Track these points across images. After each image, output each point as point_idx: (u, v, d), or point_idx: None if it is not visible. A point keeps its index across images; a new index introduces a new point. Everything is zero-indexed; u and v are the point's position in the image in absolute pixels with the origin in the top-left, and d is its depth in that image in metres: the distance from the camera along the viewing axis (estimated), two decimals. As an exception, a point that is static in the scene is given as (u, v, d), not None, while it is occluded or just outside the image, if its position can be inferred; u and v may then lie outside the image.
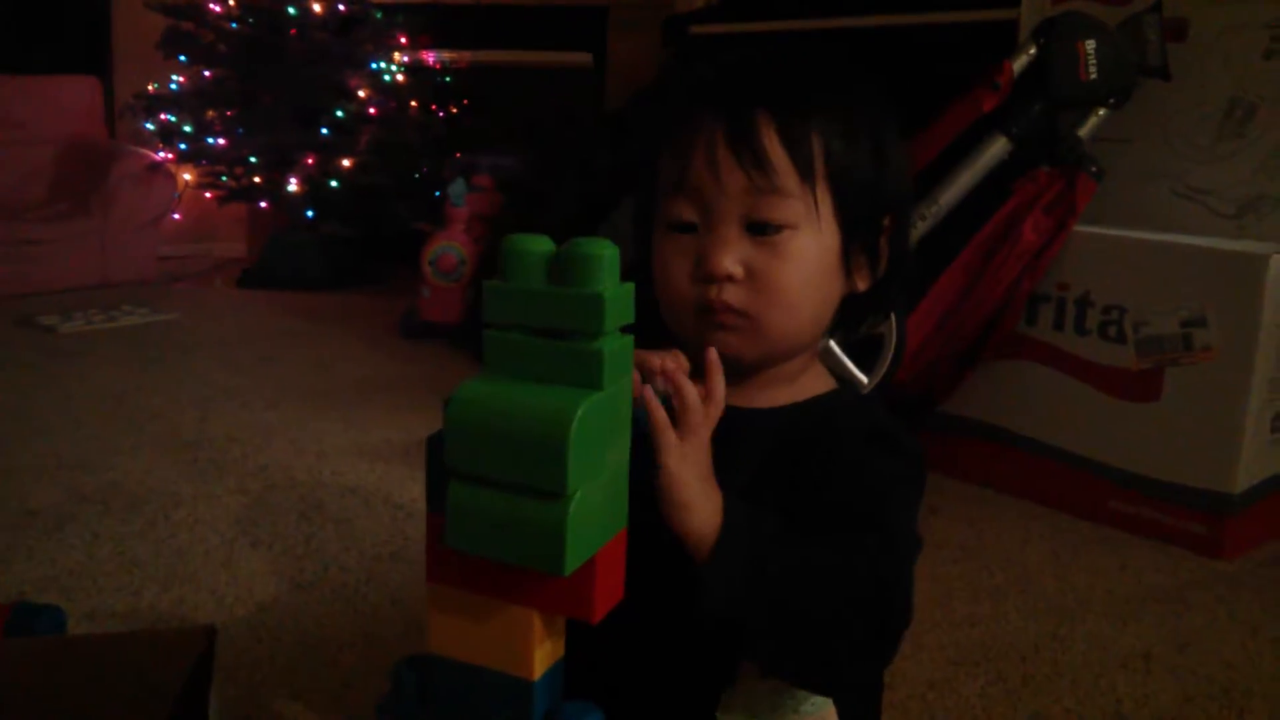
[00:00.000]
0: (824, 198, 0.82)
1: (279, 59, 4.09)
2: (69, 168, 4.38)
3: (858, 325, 0.94)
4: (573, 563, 0.64)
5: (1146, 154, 2.21)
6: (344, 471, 2.14)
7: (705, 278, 0.83)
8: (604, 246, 0.66)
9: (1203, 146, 2.17)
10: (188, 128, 4.23)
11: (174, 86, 4.28)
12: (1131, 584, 1.79)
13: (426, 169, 4.30)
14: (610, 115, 3.27)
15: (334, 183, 4.15)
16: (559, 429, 0.61)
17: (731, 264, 0.82)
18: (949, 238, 2.06)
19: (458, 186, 3.36)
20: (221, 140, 4.20)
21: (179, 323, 3.53)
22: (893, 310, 0.99)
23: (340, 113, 4.15)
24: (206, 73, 4.25)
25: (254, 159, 4.18)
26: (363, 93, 4.20)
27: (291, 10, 4.09)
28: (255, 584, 1.65)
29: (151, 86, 4.31)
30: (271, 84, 4.13)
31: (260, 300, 4.00)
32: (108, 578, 1.65)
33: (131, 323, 3.47)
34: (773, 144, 0.81)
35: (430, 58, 4.52)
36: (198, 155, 4.28)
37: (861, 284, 0.88)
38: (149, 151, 4.30)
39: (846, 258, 0.85)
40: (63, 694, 1.01)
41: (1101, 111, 2.09)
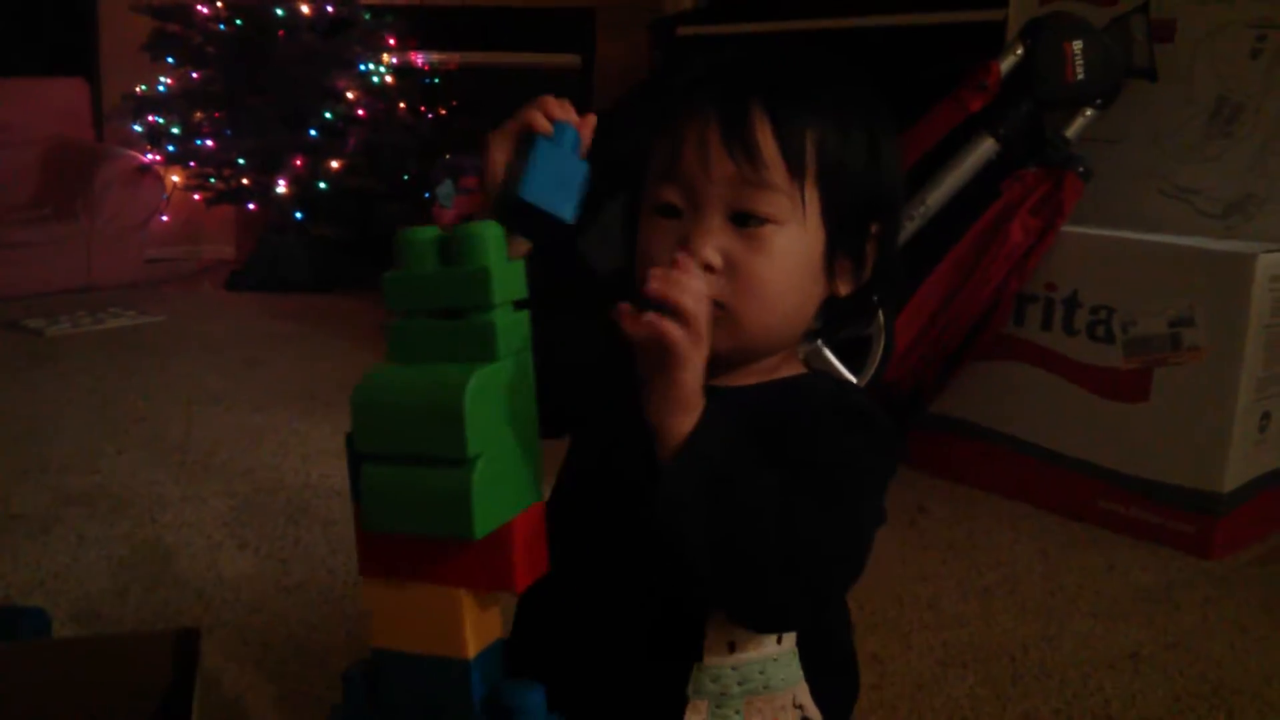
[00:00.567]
0: (812, 196, 0.82)
1: (267, 61, 4.08)
2: (56, 170, 4.37)
3: (837, 330, 0.94)
4: (482, 525, 0.66)
5: (1134, 154, 2.21)
6: (331, 474, 2.13)
7: (670, 261, 0.80)
8: (489, 227, 0.70)
9: (1190, 146, 2.18)
10: (175, 129, 4.22)
11: (161, 88, 4.26)
12: (1120, 584, 1.79)
13: (415, 171, 4.29)
14: (598, 116, 3.26)
15: (322, 184, 4.14)
16: (453, 396, 0.65)
17: (712, 253, 0.81)
18: (937, 238, 2.06)
19: (446, 188, 3.35)
20: (209, 142, 4.18)
21: (166, 325, 3.51)
22: (876, 315, 0.98)
23: (328, 114, 4.14)
24: (194, 74, 4.24)
25: (242, 161, 4.17)
26: (351, 94, 4.19)
27: (279, 12, 4.08)
28: (242, 586, 1.64)
29: (139, 88, 4.29)
30: (259, 86, 4.12)
31: (248, 302, 3.99)
32: (93, 580, 1.64)
33: (119, 325, 3.45)
34: (765, 137, 0.81)
35: (419, 59, 4.51)
36: (185, 157, 4.26)
37: (844, 288, 0.87)
38: (136, 153, 4.29)
39: (830, 260, 0.85)
40: (46, 697, 1.01)
41: (1089, 112, 2.09)
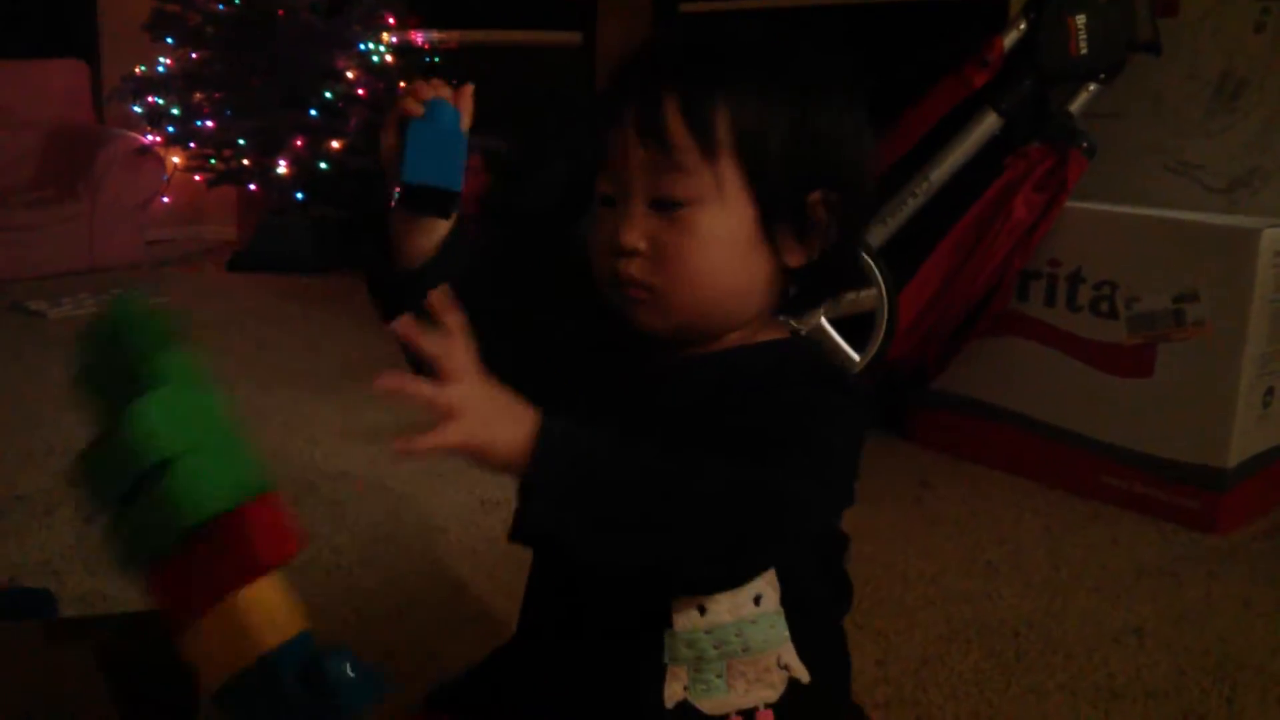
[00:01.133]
0: (731, 174, 0.82)
1: (267, 40, 4.06)
2: (56, 152, 4.36)
3: (816, 297, 0.93)
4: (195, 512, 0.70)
5: (1138, 129, 2.21)
6: (336, 454, 2.13)
7: (614, 251, 0.84)
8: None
9: (1194, 121, 2.17)
10: (175, 110, 4.20)
11: (161, 69, 4.25)
12: (1124, 559, 1.79)
13: (416, 151, 4.27)
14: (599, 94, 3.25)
15: (323, 165, 4.13)
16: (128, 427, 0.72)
17: (635, 239, 0.83)
18: (940, 215, 2.06)
19: (447, 167, 3.34)
20: (209, 123, 4.17)
21: (168, 307, 3.51)
22: (848, 283, 0.98)
23: (329, 94, 4.12)
24: (194, 55, 4.22)
25: (242, 141, 4.15)
26: (351, 74, 4.18)
27: (278, -9, 4.06)
28: (247, 566, 1.64)
29: (139, 69, 4.28)
30: (259, 66, 4.10)
31: (250, 283, 3.99)
32: (99, 562, 1.64)
33: (121, 307, 3.45)
34: (675, 121, 0.81)
35: (419, 38, 4.48)
36: (186, 138, 4.25)
37: (793, 260, 0.86)
38: (137, 135, 4.27)
39: (770, 233, 0.84)
40: (55, 676, 1.01)
41: (1092, 87, 2.08)
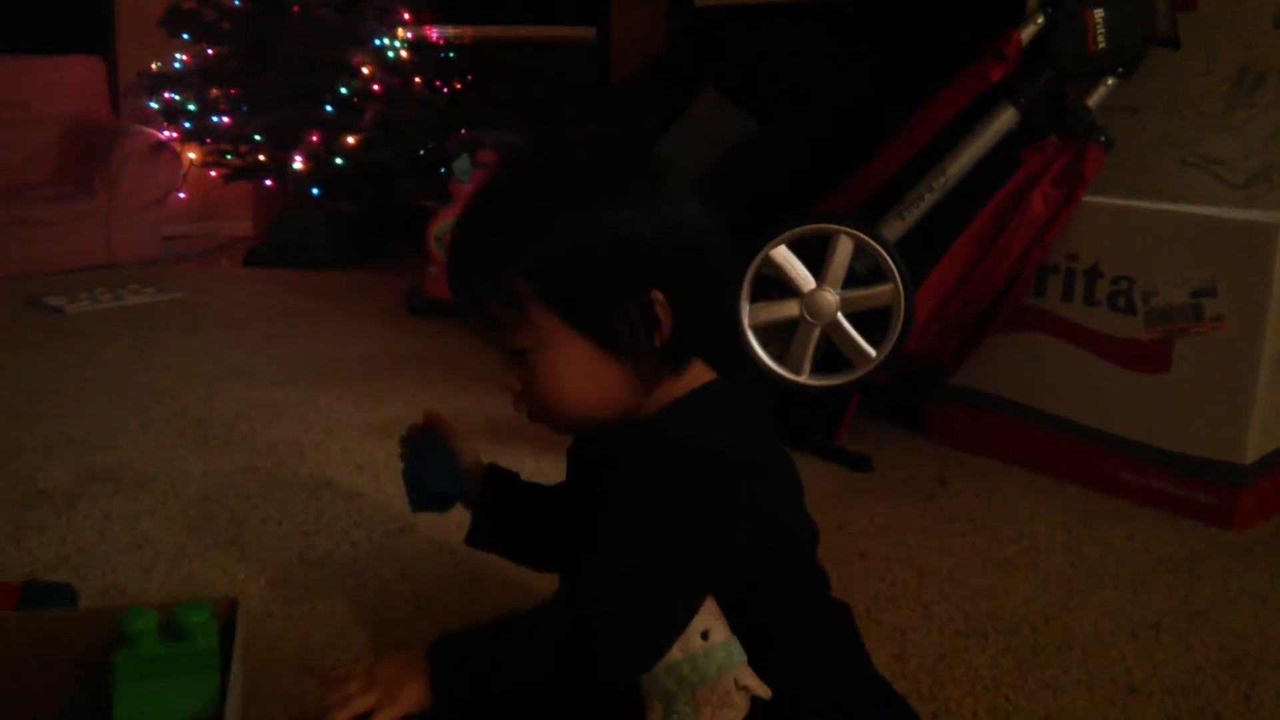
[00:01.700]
0: (546, 319, 0.93)
1: (282, 36, 4.07)
2: (73, 148, 4.37)
3: (693, 353, 1.01)
4: None
5: (1155, 123, 2.20)
6: (353, 448, 2.14)
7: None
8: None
9: (1212, 115, 2.16)
10: (192, 106, 4.22)
11: (177, 65, 4.27)
12: (1141, 555, 1.79)
13: (431, 146, 4.29)
14: (614, 89, 3.25)
15: (339, 160, 4.14)
16: None
17: (512, 382, 0.99)
18: (957, 210, 2.05)
19: (462, 163, 3.35)
20: (226, 118, 4.19)
21: (186, 302, 3.53)
22: (727, 347, 1.10)
23: (344, 90, 4.13)
24: (210, 50, 4.24)
25: (258, 137, 4.17)
26: (366, 69, 4.19)
27: (294, -14, 4.07)
28: (266, 560, 1.65)
29: (155, 65, 4.30)
30: (275, 61, 4.12)
31: (267, 279, 4.00)
32: (119, 555, 1.65)
33: (138, 302, 3.47)
34: (486, 294, 0.95)
35: (433, 33, 4.49)
36: (202, 134, 4.27)
37: (655, 342, 0.96)
38: (153, 130, 4.29)
39: (612, 341, 0.94)
40: (82, 665, 1.02)
41: (1110, 81, 2.07)
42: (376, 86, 4.21)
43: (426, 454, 1.19)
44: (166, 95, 4.24)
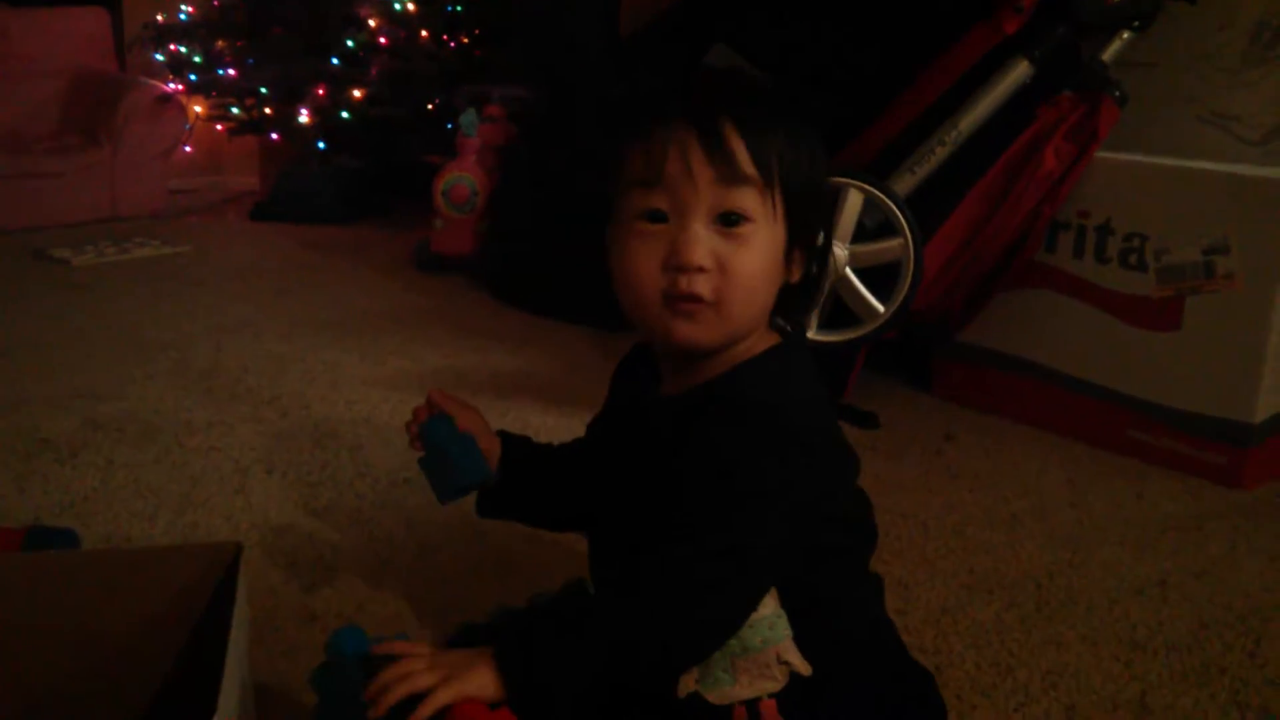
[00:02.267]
0: (778, 199, 0.94)
1: (288, -13, 4.04)
2: (78, 100, 4.35)
3: (792, 314, 1.05)
4: None
5: (1171, 79, 2.17)
6: (358, 400, 2.13)
7: (678, 267, 0.93)
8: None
9: (1229, 71, 2.13)
10: (197, 58, 4.19)
11: (183, 17, 4.24)
12: (1148, 513, 1.78)
13: (438, 100, 4.25)
14: (624, 42, 3.21)
15: (345, 114, 4.11)
16: None
17: (703, 256, 0.92)
18: (969, 164, 2.03)
19: (469, 116, 3.32)
20: (231, 71, 4.15)
21: (191, 255, 3.52)
22: (813, 306, 1.10)
23: (350, 42, 4.10)
24: (215, 2, 4.20)
25: (264, 90, 4.14)
26: (373, 22, 4.14)
27: (300, -63, 4.03)
28: (270, 509, 1.65)
29: (160, 17, 4.26)
30: (281, 13, 4.08)
31: (273, 233, 3.98)
32: (122, 504, 1.65)
33: (144, 255, 3.46)
34: (739, 147, 0.92)
35: (441, -14, 4.45)
36: (208, 87, 4.24)
37: (796, 276, 1.01)
38: (159, 83, 4.26)
39: (789, 254, 0.98)
40: (85, 607, 1.01)
41: (1126, 34, 2.04)
42: (383, 39, 4.16)
43: (446, 446, 1.15)
44: (172, 47, 4.21)
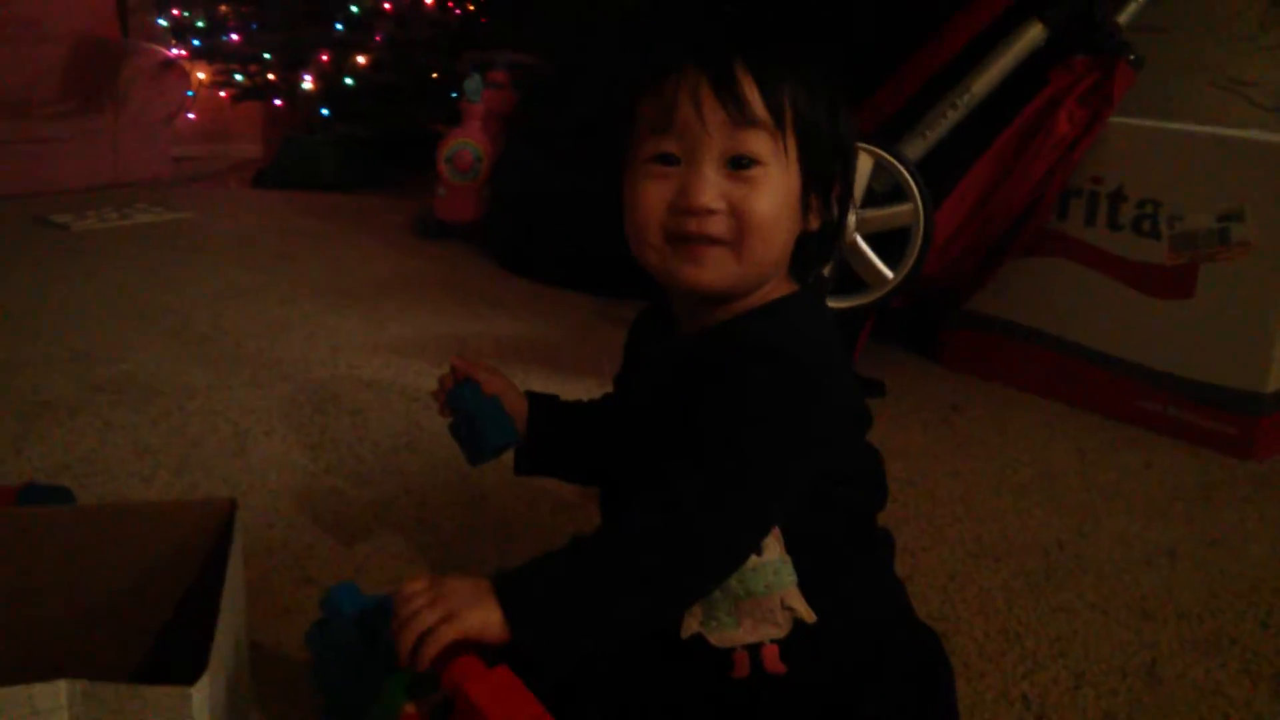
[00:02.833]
0: (790, 143, 0.93)
1: (292, -50, 3.99)
2: (81, 65, 4.30)
3: (812, 264, 1.04)
4: None
5: (1186, 44, 2.14)
6: (360, 365, 2.11)
7: (686, 210, 0.92)
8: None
9: (1245, 37, 2.10)
10: (200, 23, 4.15)
11: (186, -20, 4.19)
12: (1158, 483, 1.76)
13: (442, 68, 4.21)
14: (627, 10, 3.17)
15: (349, 81, 4.07)
16: None
17: (713, 198, 0.92)
18: (980, 128, 1.99)
19: (473, 82, 3.29)
20: (235, 36, 4.11)
21: (193, 221, 3.49)
22: (831, 255, 1.08)
23: (355, 8, 4.05)
24: (218, -34, 4.16)
25: (268, 56, 4.10)
26: (377, -14, 4.10)
27: (304, -99, 3.97)
28: (269, 472, 1.63)
29: (163, -20, 4.22)
30: (285, -24, 4.04)
31: (275, 200, 3.95)
32: (120, 465, 1.63)
33: (145, 221, 3.43)
34: (751, 90, 0.91)
35: (446, -49, 4.40)
36: (211, 52, 4.20)
37: (814, 223, 0.99)
38: (161, 48, 4.22)
39: (805, 199, 0.96)
40: (80, 562, 1.00)
41: (1141, -2, 2.00)
42: (388, 6, 4.12)
43: (473, 411, 1.14)
44: (175, 12, 4.17)
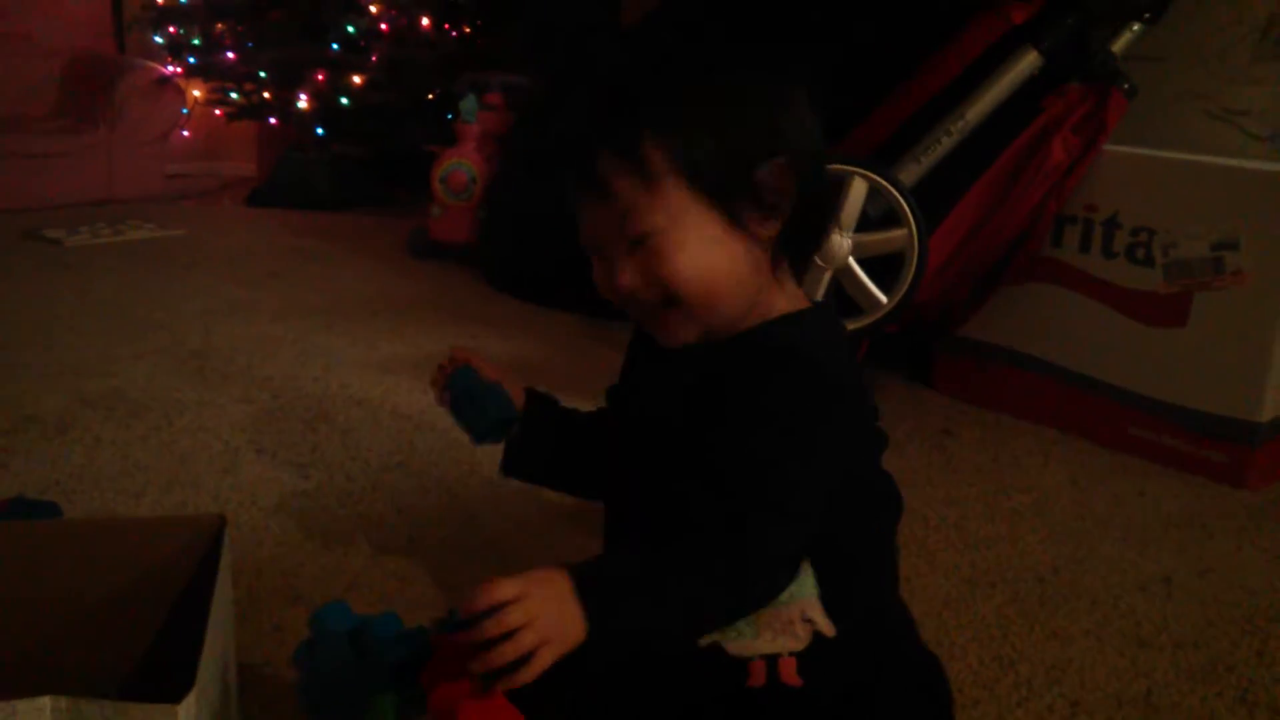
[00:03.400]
0: (678, 192, 0.88)
1: (288, -29, 4.00)
2: (76, 81, 4.30)
3: (804, 257, 1.00)
4: None
5: (1180, 74, 2.15)
6: (351, 384, 2.10)
7: (616, 296, 0.94)
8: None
9: (1238, 67, 2.11)
10: (196, 41, 4.15)
11: (183, -1, 4.20)
12: (1152, 511, 1.75)
13: (438, 90, 4.22)
14: (626, 30, 3.18)
15: (344, 100, 4.07)
16: None
17: (628, 283, 0.92)
18: (974, 154, 2.00)
19: (469, 102, 3.29)
20: (230, 54, 4.12)
21: (186, 239, 3.48)
22: (823, 235, 1.03)
23: (351, 28, 4.06)
24: (215, -16, 4.16)
25: (263, 74, 4.10)
26: (374, 8, 4.11)
27: (302, -79, 3.99)
28: (259, 489, 1.62)
29: (160, -1, 4.23)
30: (281, -3, 4.05)
31: (269, 218, 3.94)
32: (109, 481, 1.62)
33: (138, 237, 3.42)
34: (613, 169, 0.89)
35: (443, -26, 4.41)
36: (207, 70, 4.20)
37: (764, 231, 0.92)
38: (157, 65, 4.23)
39: (736, 221, 0.91)
40: (65, 575, 0.98)
41: (1136, 26, 2.01)
42: (384, 26, 4.13)
43: (473, 387, 1.14)
44: (171, 29, 4.17)
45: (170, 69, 4.23)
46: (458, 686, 0.80)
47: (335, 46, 4.05)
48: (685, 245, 0.89)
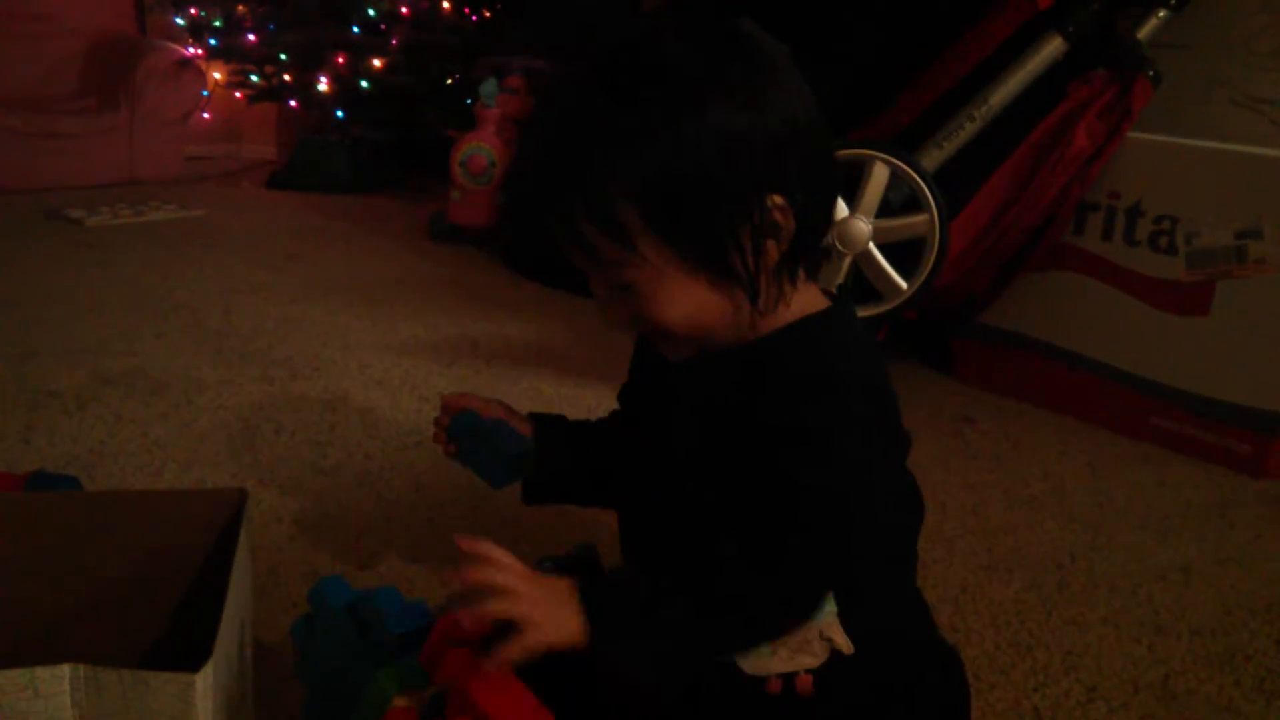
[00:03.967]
0: (658, 253, 0.84)
1: (309, -48, 4.00)
2: (97, 62, 4.31)
3: (812, 260, 0.93)
4: None
5: (1206, 62, 2.13)
6: (371, 364, 2.11)
7: (612, 325, 0.92)
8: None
9: (1265, 55, 2.09)
10: (218, 23, 4.16)
11: (204, -20, 4.20)
12: (1171, 500, 1.75)
13: (458, 74, 4.22)
14: (648, 14, 3.17)
15: (364, 83, 4.08)
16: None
17: (615, 319, 0.91)
18: (998, 140, 1.99)
19: (489, 86, 3.29)
20: (251, 36, 4.12)
21: (206, 219, 3.49)
22: (827, 230, 0.96)
23: (371, 11, 4.06)
24: (236, -34, 4.17)
25: (284, 56, 4.11)
26: (395, -10, 4.11)
27: (324, -98, 3.98)
28: (277, 467, 1.62)
29: (181, -21, 4.23)
30: (303, -22, 4.05)
31: (288, 201, 3.95)
32: (129, 457, 1.63)
33: (159, 218, 3.43)
34: (589, 229, 0.84)
35: (464, -43, 4.41)
36: (227, 52, 4.21)
37: (772, 257, 0.87)
38: (178, 47, 4.23)
39: (724, 266, 0.85)
40: (85, 546, 0.99)
41: (1162, 13, 2.00)
42: (405, 9, 4.12)
43: (481, 430, 1.12)
44: (193, 11, 4.18)
45: (191, 51, 4.23)
46: (463, 656, 0.80)
47: (356, 30, 4.05)
48: (672, 297, 0.86)
